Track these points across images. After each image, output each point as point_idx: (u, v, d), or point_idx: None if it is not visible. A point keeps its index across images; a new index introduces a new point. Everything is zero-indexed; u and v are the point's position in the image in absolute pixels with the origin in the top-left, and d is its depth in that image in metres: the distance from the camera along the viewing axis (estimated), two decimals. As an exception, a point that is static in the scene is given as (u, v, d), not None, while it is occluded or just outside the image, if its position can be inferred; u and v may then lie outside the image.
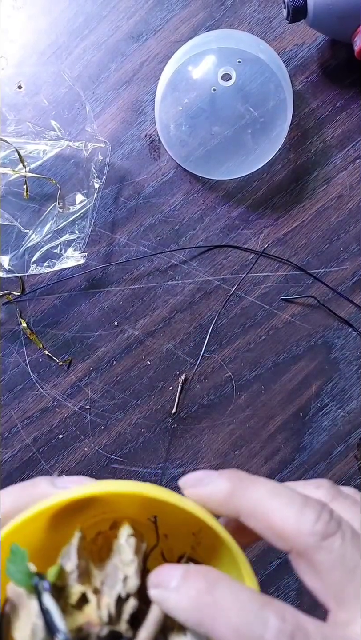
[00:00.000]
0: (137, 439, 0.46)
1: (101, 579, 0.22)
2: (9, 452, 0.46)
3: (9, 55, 0.47)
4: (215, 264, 0.47)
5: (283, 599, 0.45)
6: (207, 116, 0.44)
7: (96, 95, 0.47)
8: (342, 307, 0.47)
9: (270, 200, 0.47)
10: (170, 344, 0.47)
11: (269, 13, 0.47)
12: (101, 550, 0.24)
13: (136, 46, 0.47)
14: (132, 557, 0.22)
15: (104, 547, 0.24)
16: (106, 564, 0.23)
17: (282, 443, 0.46)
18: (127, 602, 0.21)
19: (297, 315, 0.47)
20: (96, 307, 0.47)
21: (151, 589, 0.20)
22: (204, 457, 0.46)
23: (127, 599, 0.21)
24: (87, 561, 0.22)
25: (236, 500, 0.21)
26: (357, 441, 0.46)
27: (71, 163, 0.47)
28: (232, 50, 0.43)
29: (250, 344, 0.46)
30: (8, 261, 0.46)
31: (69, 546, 0.22)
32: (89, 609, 0.21)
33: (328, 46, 0.47)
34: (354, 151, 0.47)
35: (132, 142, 0.47)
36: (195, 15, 0.47)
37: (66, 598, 0.21)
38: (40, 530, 0.23)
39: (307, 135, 0.47)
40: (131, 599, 0.21)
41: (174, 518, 0.22)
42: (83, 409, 0.46)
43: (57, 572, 0.21)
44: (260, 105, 0.44)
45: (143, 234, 0.47)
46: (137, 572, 0.21)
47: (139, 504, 0.23)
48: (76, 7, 0.47)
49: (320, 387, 0.46)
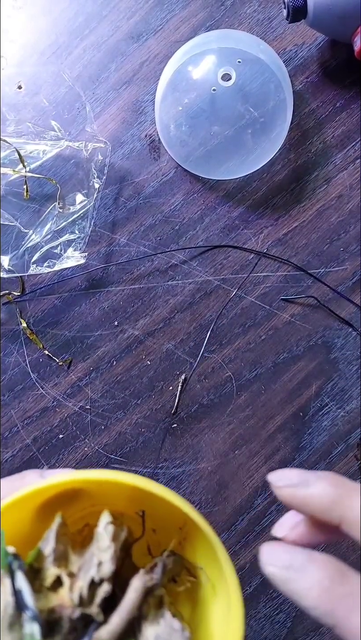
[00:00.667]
0: (137, 438, 0.46)
1: (78, 565, 0.22)
2: (9, 452, 0.46)
3: (9, 55, 0.47)
4: (215, 264, 0.47)
5: (283, 599, 0.45)
6: (207, 116, 0.44)
7: (96, 95, 0.47)
8: (342, 307, 0.47)
9: (270, 200, 0.47)
10: (170, 344, 0.47)
11: (269, 13, 0.47)
12: (85, 540, 0.24)
13: (136, 46, 0.47)
14: (109, 543, 0.22)
15: (87, 538, 0.24)
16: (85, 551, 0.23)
17: (282, 443, 0.46)
18: (101, 586, 0.21)
19: (297, 315, 0.47)
20: (96, 307, 0.47)
21: (267, 566, 0.20)
22: (204, 457, 0.46)
23: (100, 584, 0.21)
24: (66, 546, 0.23)
25: (341, 508, 0.20)
26: (357, 441, 0.46)
27: (71, 163, 0.47)
28: (232, 50, 0.43)
29: (250, 344, 0.47)
30: (8, 261, 0.46)
31: (49, 531, 0.23)
32: (63, 591, 0.21)
33: (328, 46, 0.47)
34: (354, 151, 0.47)
35: (133, 142, 0.47)
36: (195, 15, 0.47)
37: (42, 580, 0.21)
38: (29, 519, 0.23)
39: (307, 135, 0.47)
40: (105, 584, 0.21)
41: (162, 512, 0.22)
42: (83, 409, 0.46)
43: (35, 554, 0.22)
44: (260, 105, 0.44)
45: (143, 234, 0.47)
46: (112, 558, 0.21)
47: (128, 497, 0.23)
48: (76, 7, 0.47)
49: (319, 387, 0.47)
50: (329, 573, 0.18)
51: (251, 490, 0.46)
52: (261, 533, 0.46)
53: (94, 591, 0.21)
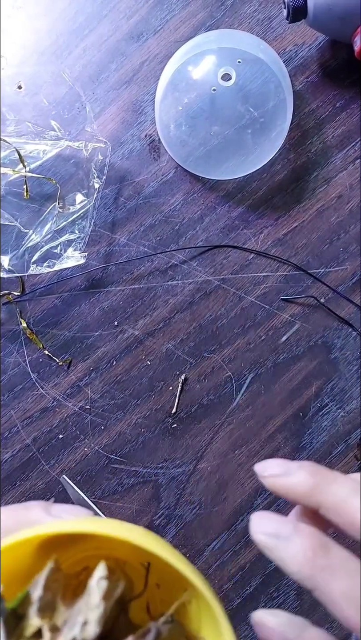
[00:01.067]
0: (137, 438, 0.46)
1: (65, 618, 0.20)
2: (9, 452, 0.46)
3: (9, 55, 0.47)
4: (215, 264, 0.47)
5: (282, 599, 0.45)
6: (207, 116, 0.44)
7: (96, 95, 0.47)
8: (342, 307, 0.47)
9: (270, 200, 0.47)
10: (170, 344, 0.47)
11: (269, 13, 0.47)
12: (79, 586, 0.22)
13: (136, 46, 0.47)
14: (99, 602, 0.20)
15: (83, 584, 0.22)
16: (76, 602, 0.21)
17: (282, 443, 0.46)
18: None
19: (297, 315, 0.47)
20: (96, 307, 0.47)
21: (256, 534, 0.21)
22: (204, 457, 0.46)
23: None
24: (55, 595, 0.21)
25: (318, 494, 0.21)
26: (357, 441, 0.46)
27: (71, 163, 0.47)
28: (232, 50, 0.43)
29: (250, 343, 0.46)
30: (8, 261, 0.46)
31: (38, 576, 0.21)
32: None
33: (328, 46, 0.47)
34: (354, 151, 0.47)
35: (132, 142, 0.47)
36: (195, 15, 0.47)
37: (22, 628, 0.20)
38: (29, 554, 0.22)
39: (307, 135, 0.47)
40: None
41: (169, 567, 0.20)
42: (83, 409, 0.46)
43: (21, 598, 0.20)
44: (260, 105, 0.44)
45: (143, 234, 0.47)
46: (99, 620, 0.19)
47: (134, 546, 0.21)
48: (76, 7, 0.47)
49: (319, 387, 0.47)
50: (312, 544, 0.20)
51: (251, 490, 0.46)
52: (261, 533, 0.46)
53: None
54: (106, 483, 0.46)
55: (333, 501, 0.21)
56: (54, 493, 0.46)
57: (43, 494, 0.46)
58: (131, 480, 0.46)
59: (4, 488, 0.46)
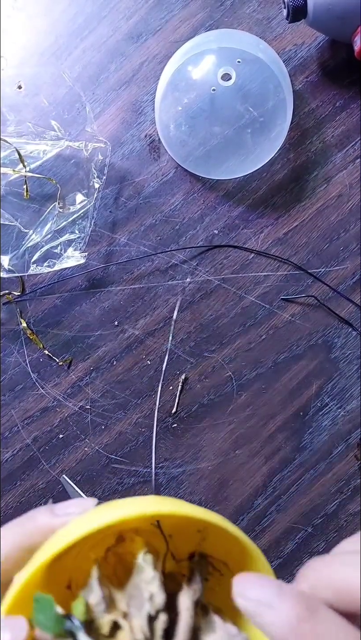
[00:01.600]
0: (138, 438, 0.46)
1: (125, 601, 0.22)
2: (9, 451, 0.46)
3: (9, 55, 0.47)
4: (215, 263, 0.47)
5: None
6: (207, 116, 0.44)
7: (96, 95, 0.47)
8: (342, 306, 0.47)
9: (270, 200, 0.47)
10: (170, 344, 0.47)
11: (269, 13, 0.47)
12: (116, 568, 0.23)
13: (135, 46, 0.47)
14: (153, 573, 0.22)
15: (117, 565, 0.23)
16: (126, 583, 0.22)
17: (282, 442, 0.46)
18: (158, 618, 0.21)
19: (297, 315, 0.47)
20: (96, 306, 0.47)
21: (238, 598, 0.19)
22: (204, 457, 0.46)
23: (156, 615, 0.21)
24: (109, 588, 0.22)
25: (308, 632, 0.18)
26: (357, 441, 0.46)
27: (71, 163, 0.47)
28: (232, 50, 0.43)
29: (250, 343, 0.46)
30: (8, 261, 0.46)
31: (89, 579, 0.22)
32: (123, 634, 0.21)
33: (328, 46, 0.47)
34: (354, 151, 0.47)
35: (132, 142, 0.47)
36: (195, 15, 0.47)
37: (97, 630, 0.21)
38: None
39: (307, 135, 0.47)
40: (161, 615, 0.21)
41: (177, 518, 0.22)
42: (83, 409, 0.46)
43: (84, 608, 0.21)
44: (260, 105, 0.44)
45: (143, 234, 0.47)
46: (160, 587, 0.21)
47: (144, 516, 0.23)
48: (76, 8, 0.47)
49: (320, 387, 0.46)
50: (297, 611, 0.18)
51: (252, 490, 0.46)
52: (261, 533, 0.46)
53: (152, 624, 0.21)
54: (106, 483, 0.46)
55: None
56: (54, 493, 0.46)
57: (43, 494, 0.46)
58: (131, 480, 0.46)
59: (4, 488, 0.46)
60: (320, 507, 0.46)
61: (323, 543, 0.46)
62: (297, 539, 0.46)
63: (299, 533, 0.46)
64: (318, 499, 0.46)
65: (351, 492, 0.46)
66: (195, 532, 0.25)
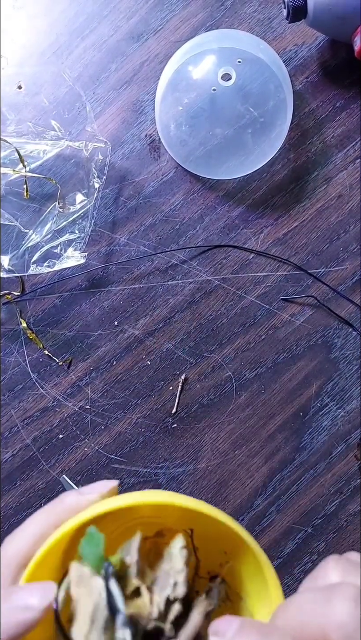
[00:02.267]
0: (138, 438, 0.46)
1: (151, 580, 0.24)
2: (9, 451, 0.46)
3: (10, 55, 0.47)
4: (215, 263, 0.47)
5: (283, 598, 0.45)
6: (207, 116, 0.44)
7: (96, 95, 0.47)
8: (342, 306, 0.47)
9: (270, 200, 0.47)
10: (170, 344, 0.47)
11: (269, 13, 0.47)
12: (149, 554, 0.26)
13: (136, 46, 0.47)
14: (183, 566, 0.24)
15: (151, 552, 0.26)
16: (156, 567, 0.24)
17: (282, 442, 0.46)
18: (174, 605, 0.23)
19: (297, 315, 0.47)
20: (96, 306, 0.47)
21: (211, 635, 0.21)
22: (204, 457, 0.46)
23: (173, 603, 0.23)
24: (144, 561, 0.24)
25: None
26: (357, 441, 0.46)
27: (71, 163, 0.47)
28: (232, 50, 0.43)
29: (250, 343, 0.47)
30: (8, 261, 0.46)
31: (129, 542, 0.24)
32: (141, 602, 0.23)
33: (328, 46, 0.47)
34: (354, 151, 0.47)
35: (133, 142, 0.47)
36: (195, 15, 0.47)
37: (123, 587, 0.23)
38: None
39: (307, 135, 0.47)
40: (177, 604, 0.23)
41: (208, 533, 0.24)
42: (83, 409, 0.46)
43: (119, 563, 0.23)
44: (260, 105, 0.44)
45: (143, 234, 0.47)
46: (185, 581, 0.23)
47: (179, 515, 0.25)
48: (76, 7, 0.47)
49: (320, 387, 0.47)
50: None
51: (251, 490, 0.46)
52: (261, 533, 0.46)
53: (167, 608, 0.23)
54: (106, 483, 0.46)
55: None
56: (54, 493, 0.46)
57: (43, 494, 0.46)
58: (131, 480, 0.46)
59: (4, 488, 0.46)
60: (320, 507, 0.46)
61: (323, 543, 0.46)
62: (297, 539, 0.46)
63: (299, 533, 0.46)
64: (318, 499, 0.46)
65: (351, 492, 0.46)
66: (221, 552, 0.26)
